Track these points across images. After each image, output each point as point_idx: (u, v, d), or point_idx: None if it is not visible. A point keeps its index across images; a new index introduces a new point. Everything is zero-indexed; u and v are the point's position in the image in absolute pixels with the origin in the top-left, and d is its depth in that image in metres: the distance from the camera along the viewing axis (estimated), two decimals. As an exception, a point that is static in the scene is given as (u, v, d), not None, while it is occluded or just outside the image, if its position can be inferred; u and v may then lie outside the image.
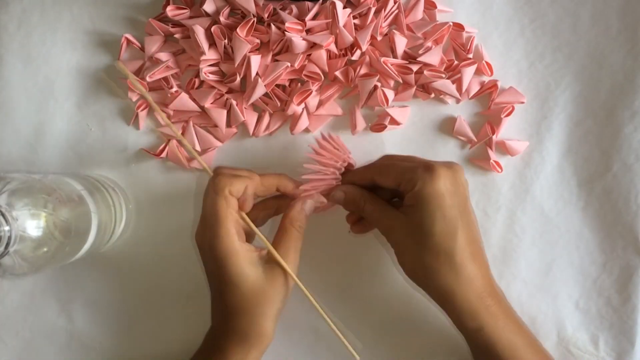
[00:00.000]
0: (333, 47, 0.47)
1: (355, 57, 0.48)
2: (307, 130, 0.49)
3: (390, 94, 0.48)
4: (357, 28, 0.48)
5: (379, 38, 0.48)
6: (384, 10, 0.47)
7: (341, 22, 0.46)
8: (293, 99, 0.47)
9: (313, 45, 0.47)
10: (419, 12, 0.48)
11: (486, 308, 0.40)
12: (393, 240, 0.42)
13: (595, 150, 0.48)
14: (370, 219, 0.43)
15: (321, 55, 0.47)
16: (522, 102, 0.48)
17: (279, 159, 0.50)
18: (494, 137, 0.48)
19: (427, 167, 0.40)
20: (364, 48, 0.47)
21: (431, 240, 0.39)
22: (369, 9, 0.47)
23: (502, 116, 0.47)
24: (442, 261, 0.39)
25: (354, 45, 0.48)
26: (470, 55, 0.48)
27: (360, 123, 0.49)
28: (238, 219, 0.42)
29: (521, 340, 0.41)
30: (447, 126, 0.49)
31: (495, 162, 0.48)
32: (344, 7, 0.47)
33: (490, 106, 0.48)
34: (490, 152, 0.48)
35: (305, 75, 0.48)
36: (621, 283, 0.47)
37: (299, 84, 0.48)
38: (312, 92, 0.47)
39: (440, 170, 0.40)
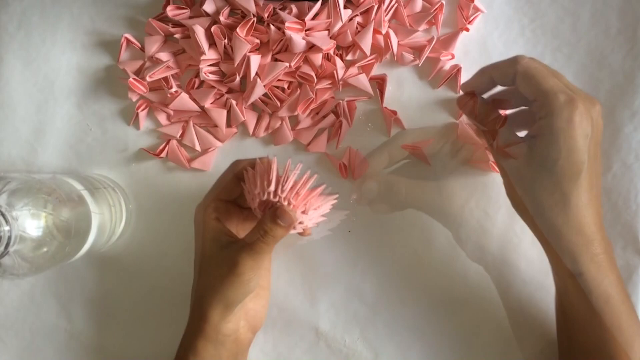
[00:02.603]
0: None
1: (351, 57, 0.48)
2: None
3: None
4: (360, 25, 0.48)
5: (383, 32, 0.48)
6: (383, 5, 0.47)
7: (343, 20, 0.46)
8: (297, 108, 0.47)
9: (312, 47, 0.47)
10: (418, 5, 0.48)
11: (592, 256, 0.39)
12: (508, 165, 0.39)
13: (595, 150, 0.48)
14: (491, 130, 0.40)
15: (318, 57, 0.47)
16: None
17: (279, 159, 0.50)
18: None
19: (571, 100, 0.37)
20: (366, 50, 0.47)
21: (550, 176, 0.38)
22: (372, 7, 0.47)
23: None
24: (557, 200, 0.38)
25: (351, 46, 0.48)
26: (470, 26, 0.49)
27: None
28: (225, 202, 0.42)
29: (617, 294, 0.39)
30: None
31: (494, 163, 0.48)
32: (344, 7, 0.47)
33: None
34: (489, 154, 0.48)
35: (298, 75, 0.48)
36: (621, 283, 0.47)
37: (298, 89, 0.48)
38: (313, 99, 0.47)
39: (583, 107, 0.37)
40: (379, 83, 0.49)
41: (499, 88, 0.43)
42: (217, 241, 0.41)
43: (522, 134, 0.41)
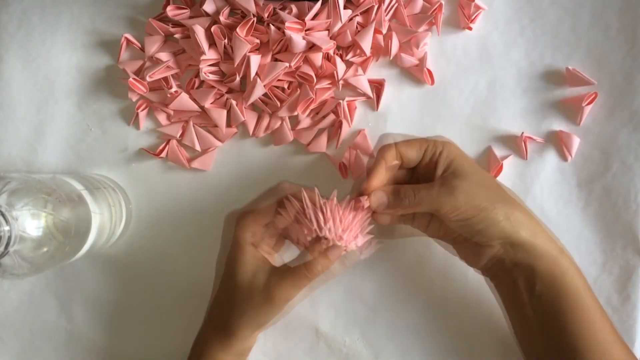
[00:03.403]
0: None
1: (350, 57, 0.48)
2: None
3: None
4: (360, 25, 0.48)
5: (384, 31, 0.48)
6: (383, 5, 0.47)
7: (343, 20, 0.46)
8: (297, 108, 0.47)
9: (312, 46, 0.47)
10: (418, 5, 0.49)
11: (561, 250, 0.41)
12: (462, 201, 0.39)
13: (595, 150, 0.48)
14: (428, 198, 0.40)
15: (318, 57, 0.47)
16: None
17: (279, 158, 0.50)
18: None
19: (438, 137, 0.42)
20: (366, 50, 0.47)
21: (492, 182, 0.41)
22: (372, 7, 0.47)
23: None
24: (511, 196, 0.41)
25: (351, 46, 0.48)
26: (473, 25, 0.49)
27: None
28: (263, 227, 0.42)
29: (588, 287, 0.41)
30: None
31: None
32: (345, 8, 0.47)
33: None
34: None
35: (298, 75, 0.48)
36: (621, 283, 0.47)
37: (298, 89, 0.48)
38: (313, 99, 0.47)
39: (449, 139, 0.43)
40: (377, 87, 0.49)
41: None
42: (251, 266, 0.41)
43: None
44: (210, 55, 0.48)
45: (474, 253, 0.41)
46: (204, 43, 0.47)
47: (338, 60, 0.47)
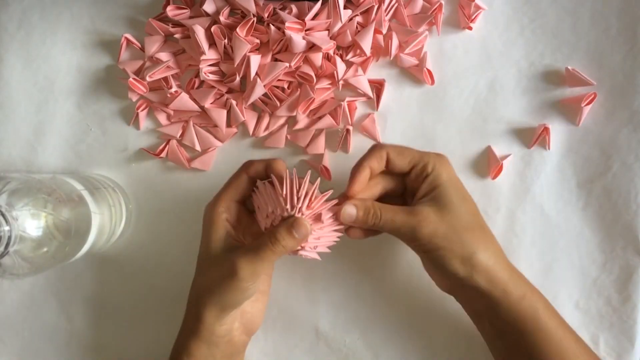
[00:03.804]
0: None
1: (350, 57, 0.48)
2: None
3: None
4: (360, 25, 0.48)
5: (384, 31, 0.48)
6: (383, 5, 0.47)
7: (343, 20, 0.46)
8: (297, 108, 0.47)
9: (312, 46, 0.47)
10: (418, 5, 0.49)
11: (520, 276, 0.42)
12: (425, 235, 0.39)
13: (595, 150, 0.48)
14: (391, 225, 0.40)
15: (318, 57, 0.47)
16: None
17: (286, 153, 0.50)
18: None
19: (437, 154, 0.42)
20: (366, 50, 0.47)
21: (464, 218, 0.40)
22: (372, 7, 0.47)
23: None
24: (479, 236, 0.40)
25: (351, 46, 0.48)
26: (473, 25, 0.49)
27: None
28: (236, 203, 0.42)
29: (551, 308, 0.42)
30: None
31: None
32: (345, 8, 0.47)
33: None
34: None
35: (298, 75, 0.48)
36: (621, 283, 0.47)
37: (299, 89, 0.48)
38: (313, 99, 0.47)
39: (445, 156, 0.42)
40: (377, 87, 0.49)
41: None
42: (222, 242, 0.41)
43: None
44: (210, 55, 0.48)
45: (435, 273, 0.43)
46: (204, 43, 0.47)
47: (338, 60, 0.47)
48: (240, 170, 0.42)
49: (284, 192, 0.39)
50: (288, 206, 0.39)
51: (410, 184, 0.42)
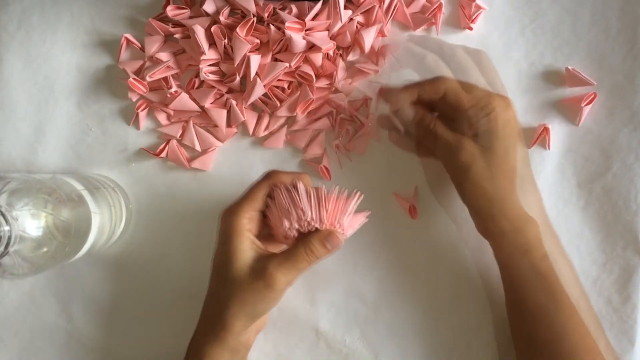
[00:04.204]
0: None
1: (351, 57, 0.48)
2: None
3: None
4: (360, 25, 0.48)
5: (387, 34, 0.48)
6: (384, 5, 0.47)
7: (343, 20, 0.46)
8: (297, 109, 0.47)
9: (312, 47, 0.47)
10: (418, 5, 0.49)
11: (552, 235, 0.43)
12: (463, 162, 0.41)
13: (595, 150, 0.48)
14: (441, 139, 0.42)
15: (318, 58, 0.47)
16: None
17: (279, 158, 0.50)
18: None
19: (501, 96, 0.42)
20: (366, 47, 0.47)
21: (508, 164, 0.41)
22: (373, 7, 0.47)
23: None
24: (513, 182, 0.42)
25: (350, 46, 0.48)
26: (473, 25, 0.49)
27: None
28: (257, 212, 0.42)
29: (569, 268, 0.44)
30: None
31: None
32: (345, 8, 0.47)
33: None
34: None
35: (297, 74, 0.48)
36: (621, 283, 0.47)
37: (299, 89, 0.48)
38: (312, 100, 0.47)
39: (509, 100, 0.42)
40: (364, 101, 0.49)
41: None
42: (249, 252, 0.40)
43: None
44: (210, 55, 0.48)
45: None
46: (204, 43, 0.47)
47: (341, 65, 0.47)
48: (264, 181, 0.42)
49: (312, 206, 0.39)
50: (315, 219, 0.40)
51: (462, 114, 0.42)
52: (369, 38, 0.47)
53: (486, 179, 0.41)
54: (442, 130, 0.42)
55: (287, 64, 0.46)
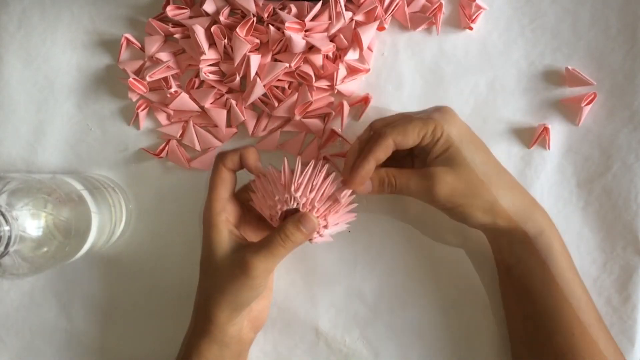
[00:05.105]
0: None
1: (350, 56, 0.48)
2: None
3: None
4: (359, 25, 0.48)
5: (386, 28, 0.48)
6: (384, 4, 0.47)
7: (346, 20, 0.46)
8: (295, 111, 0.47)
9: (312, 47, 0.47)
10: (418, 4, 0.49)
11: (541, 213, 0.43)
12: (442, 195, 0.40)
13: (595, 150, 0.48)
14: (407, 190, 0.41)
15: (318, 59, 0.47)
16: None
17: (279, 158, 0.50)
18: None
19: (441, 112, 0.41)
20: (365, 44, 0.47)
21: (480, 170, 0.41)
22: (374, 7, 0.47)
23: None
24: (496, 183, 0.41)
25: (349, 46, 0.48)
26: (473, 25, 0.48)
27: None
28: (229, 200, 0.42)
29: (566, 249, 0.43)
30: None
31: None
32: (345, 9, 0.47)
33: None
34: None
35: (297, 74, 0.48)
36: (621, 283, 0.47)
37: (298, 89, 0.48)
38: (311, 102, 0.47)
39: (448, 109, 0.42)
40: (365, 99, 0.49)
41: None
42: (227, 242, 0.40)
43: None
44: (210, 55, 0.48)
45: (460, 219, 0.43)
46: (204, 43, 0.47)
47: (341, 67, 0.47)
48: (218, 166, 0.42)
49: (283, 181, 0.39)
50: (287, 196, 0.39)
51: (419, 149, 0.42)
52: (368, 36, 0.47)
53: (471, 195, 0.40)
54: (405, 182, 0.41)
55: (287, 64, 0.46)
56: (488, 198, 0.41)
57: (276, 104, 0.48)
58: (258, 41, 0.48)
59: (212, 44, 0.48)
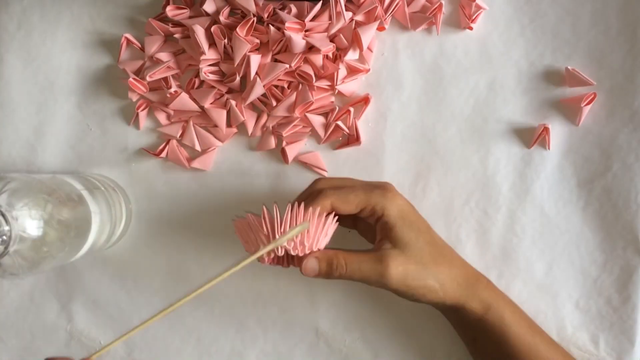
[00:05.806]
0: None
1: (350, 57, 0.48)
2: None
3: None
4: (359, 25, 0.48)
5: (387, 28, 0.48)
6: (384, 4, 0.47)
7: (346, 21, 0.46)
8: (295, 111, 0.47)
9: (312, 47, 0.47)
10: (418, 4, 0.49)
11: (487, 286, 0.43)
12: (395, 281, 0.40)
13: (595, 150, 0.48)
14: (359, 275, 0.40)
15: (318, 59, 0.47)
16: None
17: (279, 158, 0.50)
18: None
19: (382, 189, 0.41)
20: (364, 44, 0.47)
21: (425, 251, 0.41)
22: (374, 7, 0.47)
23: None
24: (442, 263, 0.42)
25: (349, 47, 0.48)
26: (473, 25, 0.49)
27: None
28: None
29: (518, 314, 0.44)
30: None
31: None
32: (346, 10, 0.47)
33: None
34: None
35: (297, 74, 0.48)
36: (621, 283, 0.47)
37: (298, 89, 0.48)
38: (312, 102, 0.47)
39: (391, 187, 0.42)
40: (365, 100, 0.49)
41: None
42: None
43: None
44: (210, 55, 0.48)
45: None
46: (204, 43, 0.47)
47: (341, 67, 0.47)
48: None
49: (266, 232, 0.39)
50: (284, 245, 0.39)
51: (362, 219, 0.43)
52: (368, 36, 0.47)
53: (421, 278, 0.40)
54: (357, 266, 0.40)
55: (287, 65, 0.46)
56: (438, 280, 0.41)
57: (274, 103, 0.48)
58: (258, 41, 0.48)
59: (212, 44, 0.48)
